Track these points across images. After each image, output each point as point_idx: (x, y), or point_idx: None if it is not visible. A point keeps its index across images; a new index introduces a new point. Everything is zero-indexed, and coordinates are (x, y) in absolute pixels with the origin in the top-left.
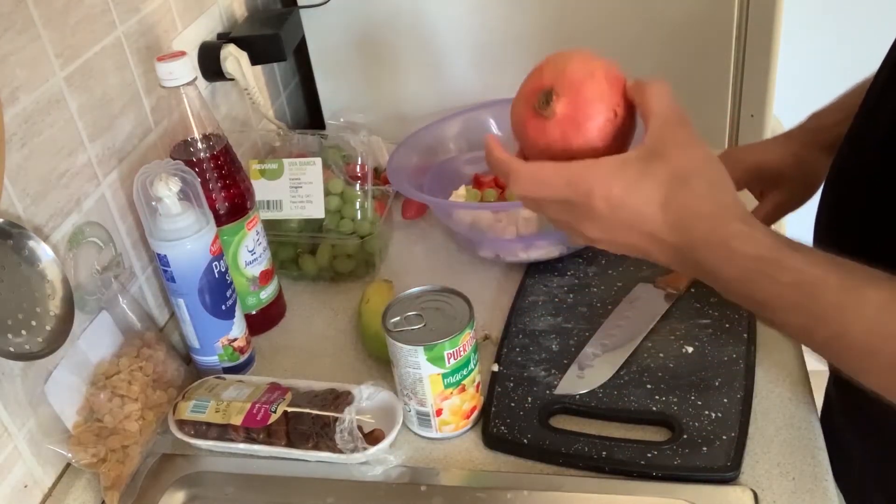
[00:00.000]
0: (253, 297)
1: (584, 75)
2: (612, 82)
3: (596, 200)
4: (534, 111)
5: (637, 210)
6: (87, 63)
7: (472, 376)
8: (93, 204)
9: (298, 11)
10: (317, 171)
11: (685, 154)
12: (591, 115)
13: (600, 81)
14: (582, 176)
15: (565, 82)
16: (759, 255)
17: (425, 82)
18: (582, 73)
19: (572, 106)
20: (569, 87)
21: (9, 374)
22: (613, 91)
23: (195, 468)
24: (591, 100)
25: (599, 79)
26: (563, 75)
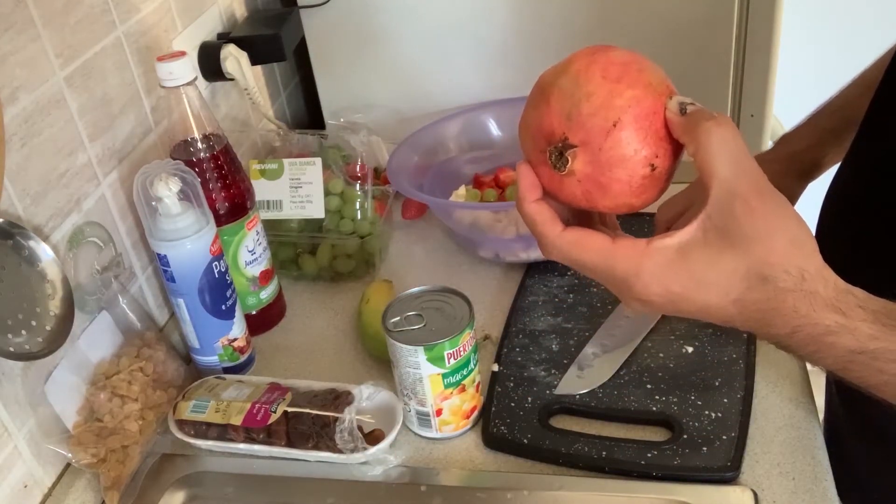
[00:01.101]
0: (253, 297)
1: (606, 124)
2: (647, 123)
3: (652, 295)
4: (545, 159)
5: (704, 305)
6: (87, 63)
7: (472, 376)
8: (93, 204)
9: (298, 11)
10: (317, 171)
11: (765, 244)
12: (619, 177)
13: (630, 129)
14: (631, 268)
15: (581, 132)
16: (859, 348)
17: (425, 82)
18: (604, 118)
19: (595, 166)
20: (587, 139)
21: (9, 374)
22: (650, 137)
23: (195, 468)
24: (618, 159)
25: (628, 125)
26: (579, 120)
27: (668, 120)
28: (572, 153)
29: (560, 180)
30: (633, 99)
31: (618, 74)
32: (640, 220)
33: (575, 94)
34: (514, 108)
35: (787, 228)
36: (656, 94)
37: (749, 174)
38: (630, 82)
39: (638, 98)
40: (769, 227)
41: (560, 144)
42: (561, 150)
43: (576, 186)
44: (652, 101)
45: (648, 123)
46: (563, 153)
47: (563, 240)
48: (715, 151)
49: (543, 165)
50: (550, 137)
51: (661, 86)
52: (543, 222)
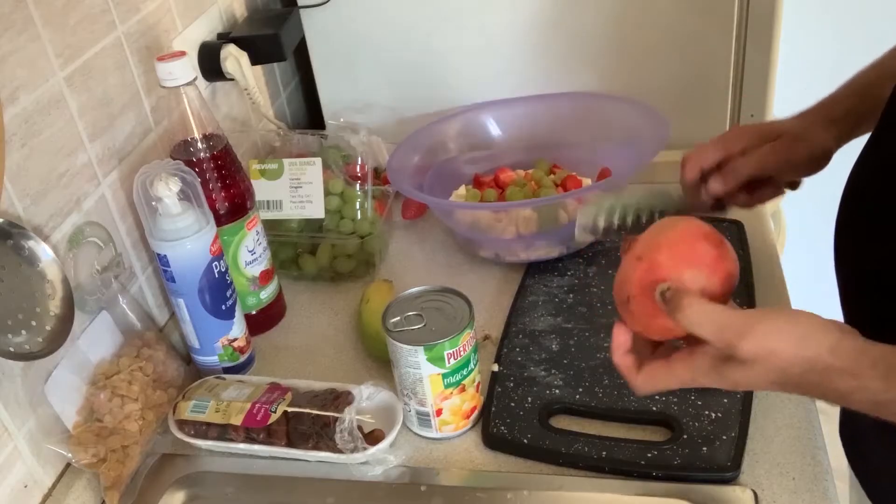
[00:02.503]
0: (253, 297)
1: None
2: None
3: (708, 385)
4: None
5: (746, 388)
6: (87, 63)
7: (472, 376)
8: (93, 204)
9: (298, 11)
10: (317, 171)
11: (774, 360)
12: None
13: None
14: (687, 375)
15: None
16: (875, 401)
17: (425, 82)
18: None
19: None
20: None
21: (9, 374)
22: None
23: (195, 468)
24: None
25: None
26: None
27: (661, 309)
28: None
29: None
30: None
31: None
32: None
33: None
34: (514, 108)
35: (788, 339)
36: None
37: (731, 325)
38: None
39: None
40: (770, 346)
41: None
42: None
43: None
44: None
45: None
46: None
47: (639, 380)
48: (699, 330)
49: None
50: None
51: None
52: (628, 370)
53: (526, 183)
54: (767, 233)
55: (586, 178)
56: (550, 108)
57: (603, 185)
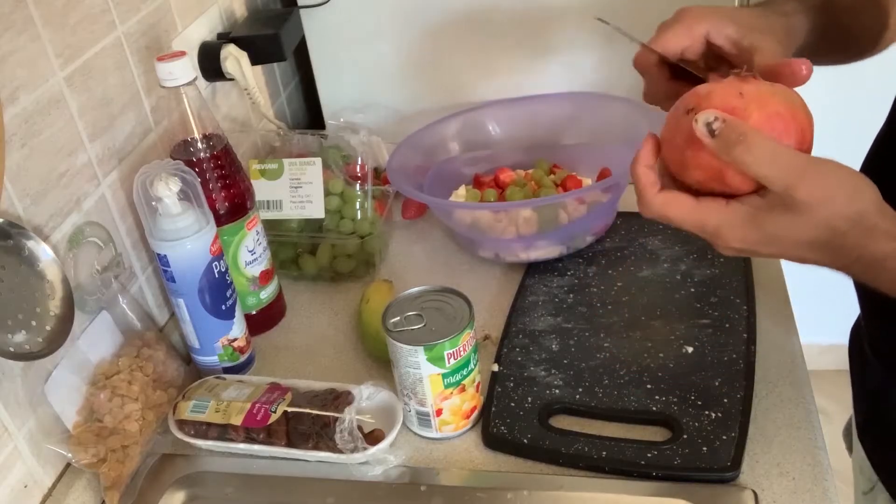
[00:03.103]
0: (253, 297)
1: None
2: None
3: (733, 243)
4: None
5: (778, 252)
6: (87, 63)
7: (472, 376)
8: (93, 204)
9: (298, 11)
10: (317, 171)
11: (827, 208)
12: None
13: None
14: (713, 224)
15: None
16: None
17: (425, 82)
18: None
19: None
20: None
21: (9, 374)
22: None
23: (195, 468)
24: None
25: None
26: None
27: (704, 143)
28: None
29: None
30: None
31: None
32: None
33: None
34: (514, 108)
35: (844, 187)
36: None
37: (794, 166)
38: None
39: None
40: (827, 194)
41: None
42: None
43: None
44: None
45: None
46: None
47: (657, 199)
48: (757, 169)
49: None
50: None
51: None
52: (646, 184)
53: (526, 183)
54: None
55: (586, 178)
56: (550, 108)
57: (603, 184)
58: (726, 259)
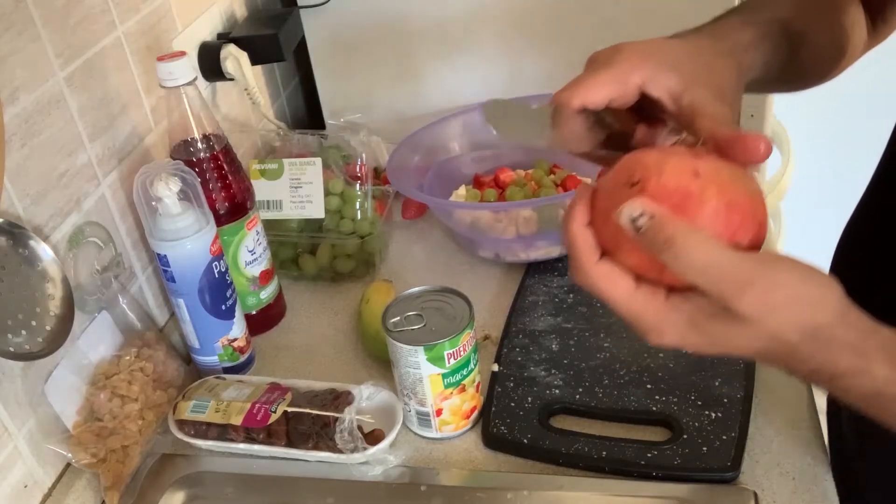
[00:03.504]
0: (253, 297)
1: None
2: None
3: (668, 342)
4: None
5: (720, 354)
6: (87, 63)
7: (472, 376)
8: (93, 204)
9: (298, 11)
10: (317, 171)
11: (775, 319)
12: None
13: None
14: (650, 321)
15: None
16: (876, 391)
17: (425, 82)
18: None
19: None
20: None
21: (9, 374)
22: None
23: (195, 468)
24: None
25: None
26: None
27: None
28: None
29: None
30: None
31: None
32: None
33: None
34: None
35: (797, 298)
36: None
37: (735, 275)
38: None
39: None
40: (774, 306)
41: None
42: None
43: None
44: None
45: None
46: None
47: (595, 270)
48: (689, 278)
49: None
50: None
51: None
52: (584, 248)
53: (526, 183)
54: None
55: (586, 178)
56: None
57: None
58: None
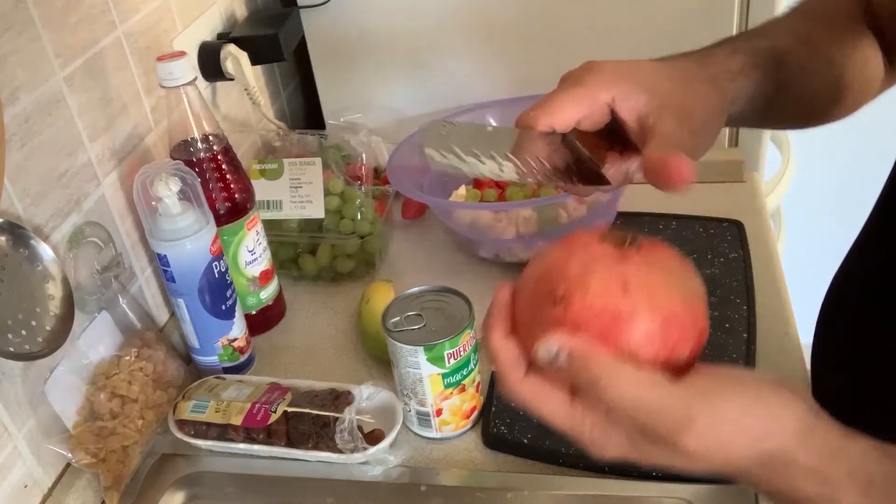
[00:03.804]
0: (253, 297)
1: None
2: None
3: (609, 456)
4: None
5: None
6: (87, 63)
7: (472, 376)
8: (93, 204)
9: (298, 11)
10: (317, 171)
11: (724, 453)
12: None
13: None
14: (588, 438)
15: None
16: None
17: (425, 82)
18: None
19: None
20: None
21: (9, 374)
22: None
23: (195, 468)
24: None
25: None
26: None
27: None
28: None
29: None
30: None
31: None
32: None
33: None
34: (514, 108)
35: (746, 427)
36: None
37: (673, 412)
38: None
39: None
40: (721, 440)
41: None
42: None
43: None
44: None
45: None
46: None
47: (523, 386)
48: (622, 414)
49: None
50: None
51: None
52: (508, 363)
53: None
54: (767, 233)
55: None
56: None
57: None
58: (726, 259)
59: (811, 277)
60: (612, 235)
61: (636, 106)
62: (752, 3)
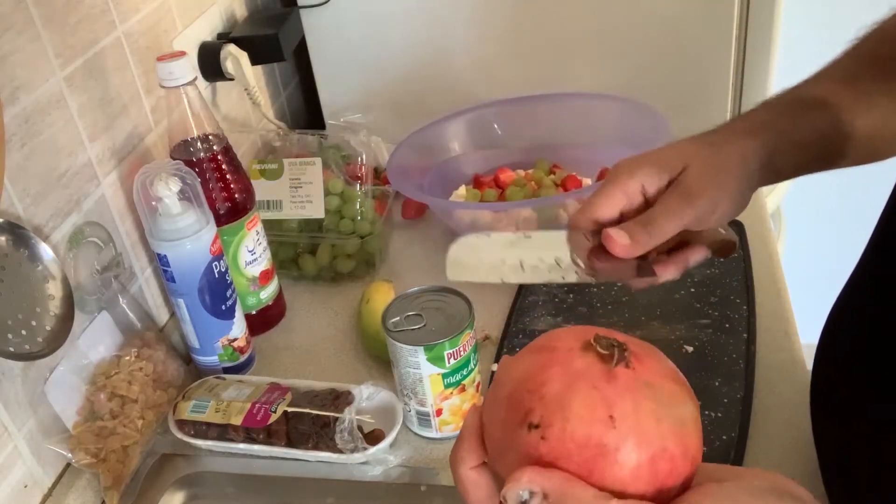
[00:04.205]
0: (253, 297)
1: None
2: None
3: None
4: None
5: None
6: (87, 63)
7: (472, 376)
8: (93, 204)
9: (298, 11)
10: (317, 171)
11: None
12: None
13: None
14: None
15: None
16: None
17: (425, 82)
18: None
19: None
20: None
21: (9, 374)
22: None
23: (195, 468)
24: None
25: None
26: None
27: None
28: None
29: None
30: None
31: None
32: None
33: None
34: (514, 108)
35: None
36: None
37: None
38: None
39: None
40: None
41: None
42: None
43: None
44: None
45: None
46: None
47: None
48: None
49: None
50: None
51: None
52: (479, 499)
53: (526, 183)
54: (767, 233)
55: (586, 178)
56: (550, 108)
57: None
58: (726, 259)
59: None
60: (598, 344)
61: (662, 185)
62: (752, 3)
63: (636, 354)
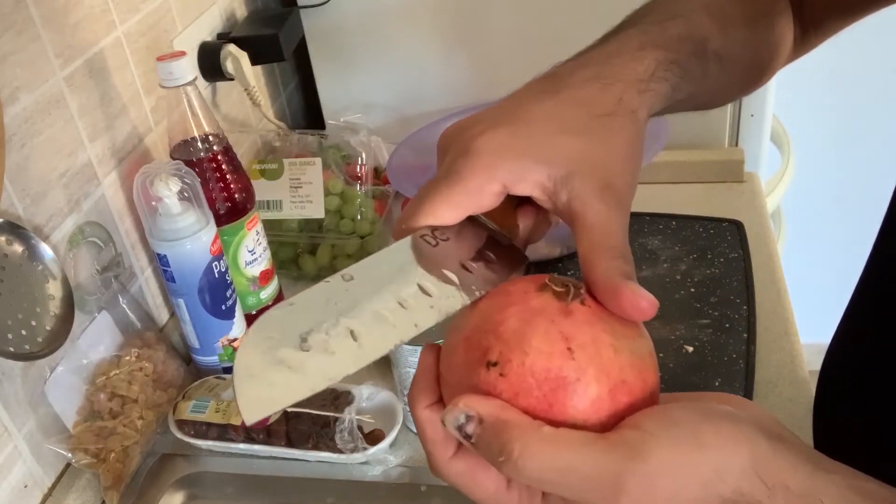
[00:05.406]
0: (253, 297)
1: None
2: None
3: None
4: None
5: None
6: (87, 63)
7: None
8: (93, 204)
9: (298, 11)
10: (317, 171)
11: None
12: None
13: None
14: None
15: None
16: None
17: (425, 82)
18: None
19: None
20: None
21: (9, 374)
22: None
23: (195, 468)
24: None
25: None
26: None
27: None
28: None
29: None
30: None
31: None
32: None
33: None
34: None
35: (686, 477)
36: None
37: (602, 476)
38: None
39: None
40: (660, 496)
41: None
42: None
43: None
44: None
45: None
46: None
47: (452, 468)
48: (538, 483)
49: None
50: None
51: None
52: (434, 441)
53: None
54: (767, 233)
55: None
56: None
57: None
58: (726, 259)
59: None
60: (553, 284)
61: (537, 181)
62: None
63: (589, 296)
